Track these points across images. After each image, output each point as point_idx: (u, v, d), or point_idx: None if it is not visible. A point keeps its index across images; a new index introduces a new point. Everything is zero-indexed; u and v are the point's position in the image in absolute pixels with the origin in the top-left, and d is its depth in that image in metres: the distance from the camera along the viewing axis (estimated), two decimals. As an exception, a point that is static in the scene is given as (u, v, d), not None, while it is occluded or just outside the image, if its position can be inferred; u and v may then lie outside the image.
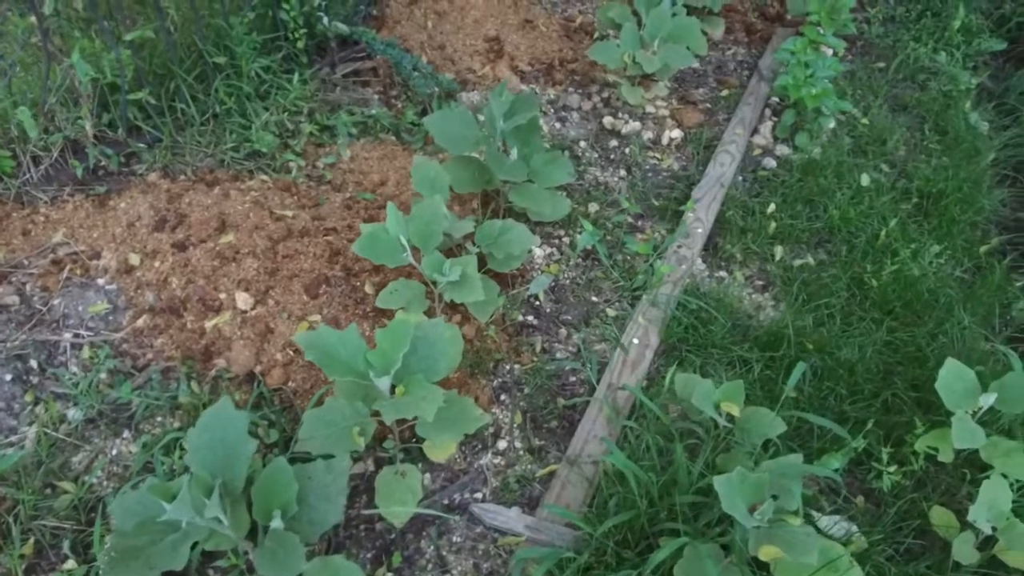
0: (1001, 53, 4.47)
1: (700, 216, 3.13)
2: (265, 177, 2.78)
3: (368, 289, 2.34)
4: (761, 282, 3.00)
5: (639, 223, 3.26)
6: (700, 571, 1.61)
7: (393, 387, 1.83)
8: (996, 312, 2.71)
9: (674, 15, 3.51)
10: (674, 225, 3.15)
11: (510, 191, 2.71)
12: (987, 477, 1.88)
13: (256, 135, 2.81)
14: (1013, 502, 1.90)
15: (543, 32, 4.06)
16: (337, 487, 1.63)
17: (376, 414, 1.83)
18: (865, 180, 3.29)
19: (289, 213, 2.47)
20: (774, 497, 1.64)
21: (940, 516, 1.95)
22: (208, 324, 2.18)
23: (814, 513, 1.96)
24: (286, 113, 2.96)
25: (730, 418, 2.00)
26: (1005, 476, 1.87)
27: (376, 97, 3.48)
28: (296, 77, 3.07)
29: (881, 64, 4.24)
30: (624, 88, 3.49)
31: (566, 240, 3.02)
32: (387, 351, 1.74)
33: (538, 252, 2.91)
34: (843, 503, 2.11)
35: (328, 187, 2.88)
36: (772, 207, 3.19)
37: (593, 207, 3.26)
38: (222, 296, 2.22)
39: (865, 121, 3.74)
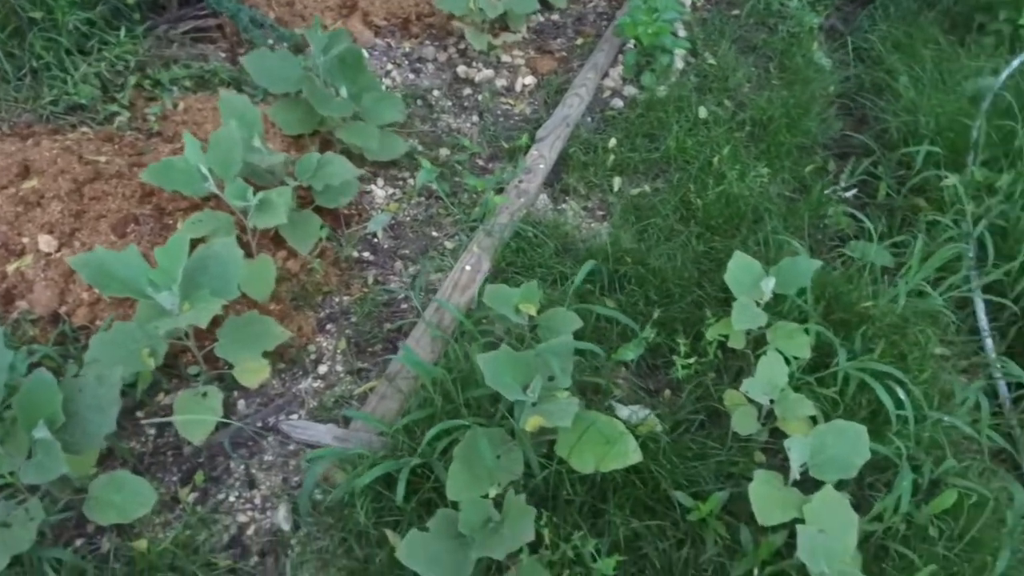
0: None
1: (543, 153, 3.19)
2: (87, 129, 2.72)
3: (181, 226, 2.32)
4: (601, 212, 3.09)
5: (489, 165, 3.32)
6: (475, 451, 1.67)
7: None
8: (809, 223, 2.87)
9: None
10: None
11: (338, 129, 2.72)
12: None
13: (76, 88, 2.75)
14: (795, 377, 2.03)
15: (401, -11, 4.06)
16: (109, 398, 1.63)
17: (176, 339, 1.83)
18: (703, 113, 3.42)
19: (102, 159, 2.43)
20: (550, 378, 1.71)
21: (732, 397, 2.06)
22: (9, 268, 2.13)
23: (615, 404, 2.05)
24: (110, 66, 2.90)
25: (532, 319, 2.07)
26: (781, 352, 1.99)
27: (222, 55, 3.43)
28: (124, 32, 3.00)
29: (736, 12, 4.40)
30: (470, 33, 3.53)
31: (410, 181, 3.05)
32: (166, 267, 1.74)
33: (379, 192, 2.93)
34: (649, 396, 2.21)
35: (159, 139, 2.84)
36: (613, 142, 3.28)
37: (444, 151, 3.30)
38: (25, 240, 2.18)
39: (712, 62, 3.87)
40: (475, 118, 3.49)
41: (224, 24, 3.51)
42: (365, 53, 3.63)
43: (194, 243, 1.85)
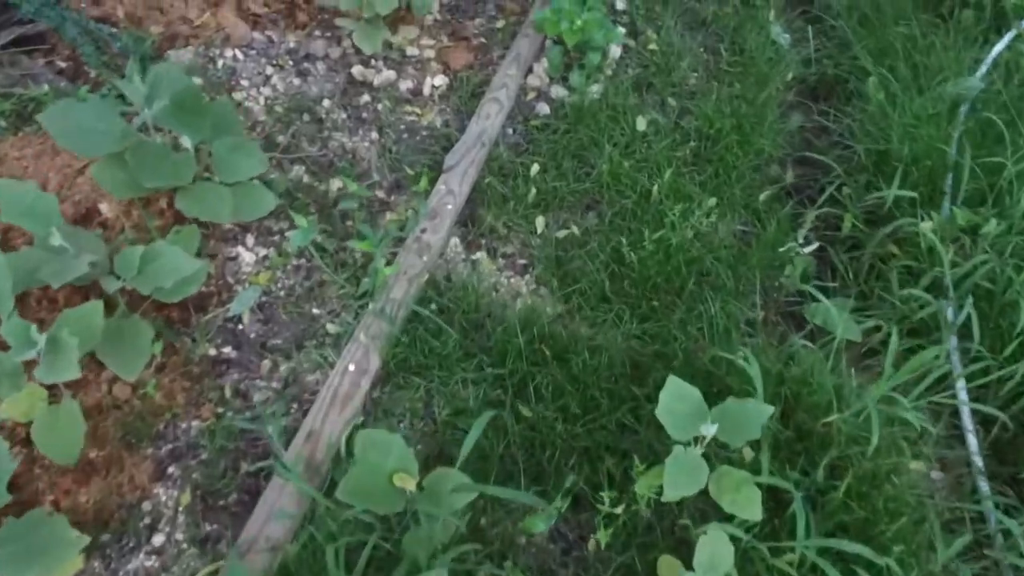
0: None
1: (453, 188, 2.62)
2: None
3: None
4: (523, 260, 2.56)
5: (391, 198, 2.74)
6: None
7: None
8: (759, 282, 2.37)
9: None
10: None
11: (179, 194, 2.12)
12: (719, 518, 1.57)
13: None
14: (744, 545, 1.60)
15: (285, -38, 3.32)
16: None
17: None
18: (642, 124, 2.84)
19: None
20: None
21: (667, 567, 1.64)
22: None
23: None
24: None
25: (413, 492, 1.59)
26: (729, 517, 1.55)
27: (50, 74, 2.73)
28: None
29: None
30: (359, 33, 2.86)
31: (290, 234, 2.47)
32: None
33: (247, 257, 2.35)
34: (577, 547, 1.78)
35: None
36: (536, 168, 2.71)
37: (335, 184, 2.71)
38: None
39: (654, 47, 3.27)
40: (374, 134, 2.88)
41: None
42: (239, 54, 2.97)
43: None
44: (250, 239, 2.40)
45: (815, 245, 2.37)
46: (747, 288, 2.37)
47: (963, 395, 1.99)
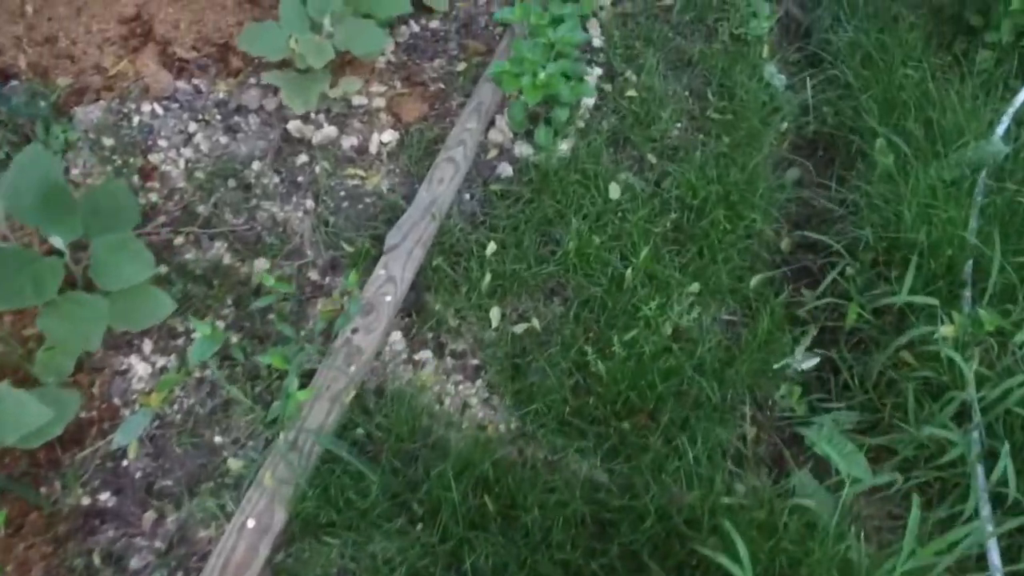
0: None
1: (395, 274, 2.25)
2: None
3: None
4: (475, 361, 2.18)
5: (326, 280, 2.37)
6: None
7: None
8: (748, 396, 2.00)
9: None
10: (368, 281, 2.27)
11: (42, 311, 1.74)
12: None
13: None
14: None
15: (219, 0, 2.94)
16: None
17: None
18: (615, 192, 2.47)
19: None
20: None
21: None
22: None
23: None
24: None
25: None
26: None
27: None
28: None
29: (668, 1, 3.37)
30: (286, 91, 2.47)
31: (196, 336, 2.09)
32: None
33: (140, 369, 1.97)
34: None
35: None
36: (492, 247, 2.34)
37: (261, 263, 2.34)
38: None
39: (633, 92, 2.89)
40: (309, 202, 2.50)
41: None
42: (158, 108, 2.59)
43: None
44: (147, 345, 2.02)
45: (814, 360, 2.00)
46: (735, 399, 1.99)
47: (995, 557, 1.61)
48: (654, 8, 3.29)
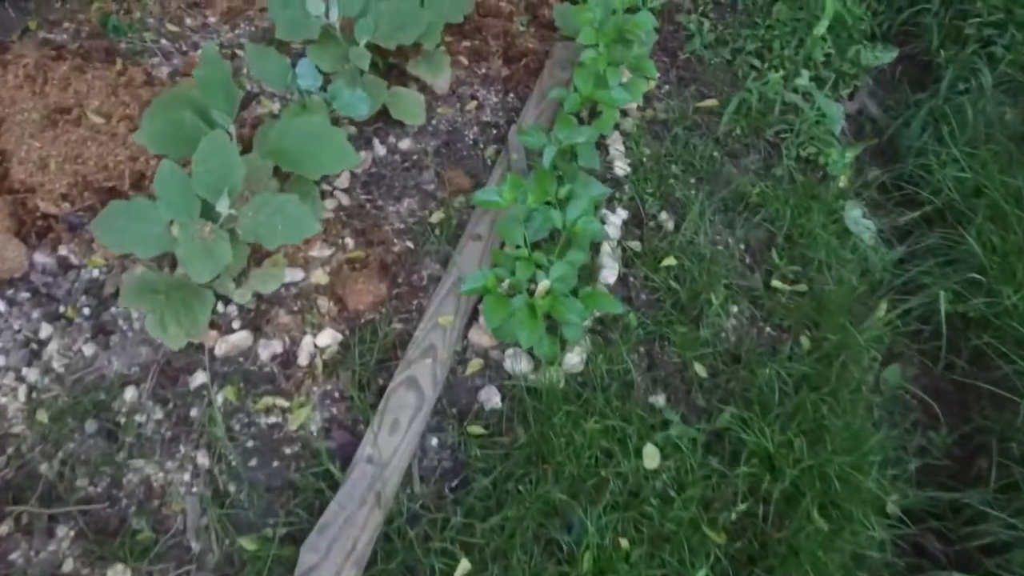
0: (888, 66, 2.85)
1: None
2: None
3: None
4: None
5: (218, 596, 1.57)
6: None
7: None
8: None
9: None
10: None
11: None
12: None
13: None
14: None
15: (104, 126, 2.13)
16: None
17: None
18: (653, 460, 1.63)
19: None
20: None
21: None
22: None
23: None
24: None
25: None
26: None
27: None
28: None
29: (712, 101, 2.55)
30: (164, 315, 1.64)
31: None
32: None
33: None
34: None
35: None
36: (465, 567, 1.51)
37: (118, 572, 1.54)
38: None
39: (670, 261, 2.07)
40: (202, 458, 1.70)
41: None
42: (5, 294, 1.81)
43: None
44: None
45: None
46: None
47: None
48: (693, 113, 2.49)
